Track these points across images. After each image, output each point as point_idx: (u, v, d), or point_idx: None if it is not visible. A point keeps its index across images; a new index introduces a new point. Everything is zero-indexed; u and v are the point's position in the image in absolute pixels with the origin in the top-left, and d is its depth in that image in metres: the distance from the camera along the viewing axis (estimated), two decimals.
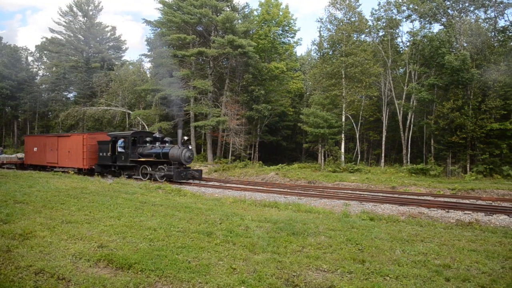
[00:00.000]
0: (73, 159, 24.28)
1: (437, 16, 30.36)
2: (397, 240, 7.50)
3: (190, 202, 12.05)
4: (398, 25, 32.49)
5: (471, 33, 26.23)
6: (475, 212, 11.66)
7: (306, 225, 8.60)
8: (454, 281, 5.31)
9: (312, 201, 13.68)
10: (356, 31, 32.46)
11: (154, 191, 15.17)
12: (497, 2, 29.62)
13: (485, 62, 25.08)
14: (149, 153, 21.00)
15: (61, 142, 25.42)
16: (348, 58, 30.04)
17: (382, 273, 5.55)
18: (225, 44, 30.93)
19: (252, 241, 7.04)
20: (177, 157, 19.72)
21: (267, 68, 35.06)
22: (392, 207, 12.55)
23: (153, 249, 6.39)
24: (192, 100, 33.22)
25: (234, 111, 32.92)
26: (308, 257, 6.24)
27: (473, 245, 7.36)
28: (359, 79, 30.65)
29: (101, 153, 22.85)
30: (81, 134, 24.65)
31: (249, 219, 9.25)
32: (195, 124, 31.96)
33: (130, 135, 21.72)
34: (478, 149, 25.15)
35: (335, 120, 30.46)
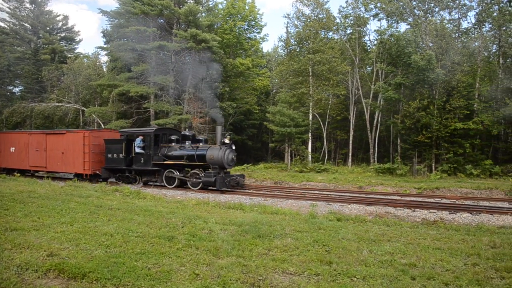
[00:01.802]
0: (69, 162, 20.70)
1: (404, 15, 31.51)
2: (364, 240, 7.72)
3: (150, 205, 11.84)
4: (365, 23, 33.46)
5: (436, 33, 27.41)
6: (440, 210, 12.21)
7: (272, 227, 8.66)
8: (420, 279, 5.52)
9: (279, 202, 13.80)
10: (324, 28, 33.08)
11: (111, 194, 14.77)
12: (460, 4, 31.19)
13: (449, 63, 26.28)
14: (179, 154, 17.94)
15: (52, 140, 21.65)
16: (316, 55, 30.54)
17: (350, 274, 5.68)
18: (187, 38, 30.60)
19: (216, 245, 7.02)
20: (219, 160, 16.74)
21: (232, 64, 35.02)
22: (360, 207, 12.89)
23: (109, 256, 6.22)
24: (152, 97, 32.62)
25: (197, 108, 32.64)
26: (274, 260, 6.29)
27: (438, 243, 7.70)
28: (326, 77, 31.25)
29: (110, 154, 19.48)
30: (82, 131, 21.14)
31: (213, 222, 9.23)
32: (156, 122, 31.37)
33: (152, 132, 18.55)
34: (442, 148, 26.33)
35: (302, 119, 30.90)
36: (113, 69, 36.47)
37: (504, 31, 28.02)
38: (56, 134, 21.96)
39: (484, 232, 8.94)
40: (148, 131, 18.92)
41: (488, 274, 5.80)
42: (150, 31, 31.24)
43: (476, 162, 25.69)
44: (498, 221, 10.71)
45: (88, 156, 19.90)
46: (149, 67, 31.34)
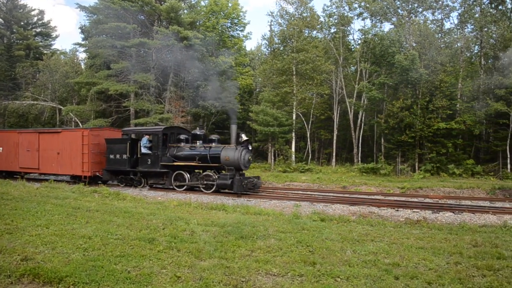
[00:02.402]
0: (66, 163, 19.47)
1: (387, 15, 31.99)
2: (348, 241, 7.79)
3: (130, 207, 11.70)
4: (349, 22, 33.82)
5: (420, 33, 27.91)
6: (423, 210, 12.43)
7: (255, 228, 8.66)
8: (403, 279, 5.60)
9: (262, 203, 13.83)
10: (308, 27, 33.28)
11: (89, 195, 14.54)
12: (443, 5, 31.84)
13: (432, 63, 26.79)
14: (190, 155, 17.01)
15: (45, 140, 20.36)
16: (299, 54, 30.69)
17: (333, 274, 5.72)
18: (169, 36, 30.34)
19: (198, 247, 6.98)
20: (235, 161, 15.82)
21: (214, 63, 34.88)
22: (343, 207, 13.02)
23: (87, 259, 6.11)
24: (133, 95, 32.25)
25: (179, 107, 32.42)
26: (258, 261, 6.29)
27: (421, 242, 7.83)
28: (310, 76, 31.44)
29: (112, 155, 18.42)
30: (81, 130, 20.11)
31: (195, 223, 9.18)
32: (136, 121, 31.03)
33: (161, 131, 17.55)
34: (426, 148, 26.81)
35: (286, 118, 31.01)
36: (92, 66, 35.91)
37: (485, 32, 28.71)
38: (50, 133, 20.80)
39: (466, 231, 9.14)
40: (156, 130, 18.02)
41: (470, 273, 5.92)
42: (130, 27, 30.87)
43: (459, 161, 26.26)
44: (480, 220, 10.97)
45: (87, 156, 18.71)
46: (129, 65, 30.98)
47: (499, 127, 26.94)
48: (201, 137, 17.65)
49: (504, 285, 5.37)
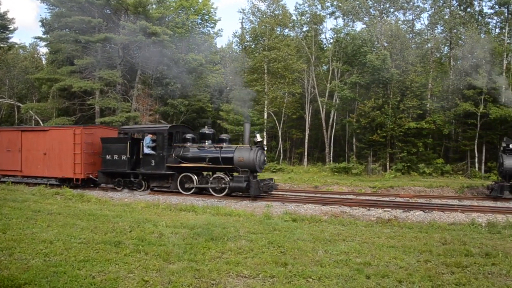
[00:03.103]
0: (54, 165, 18.12)
1: (359, 15, 32.61)
2: (320, 241, 7.90)
3: (94, 209, 11.45)
4: (322, 21, 34.29)
5: (391, 33, 28.61)
6: (394, 209, 12.74)
7: (225, 229, 8.68)
8: (374, 278, 5.73)
9: (232, 203, 13.83)
10: (280, 25, 33.51)
11: (51, 198, 14.13)
12: (414, 6, 32.79)
13: (403, 63, 27.51)
14: (199, 156, 16.06)
15: (29, 139, 18.84)
16: (271, 52, 30.85)
17: (305, 275, 5.79)
18: (137, 31, 29.81)
19: (166, 249, 6.94)
20: (250, 162, 15.03)
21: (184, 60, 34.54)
22: (315, 207, 13.17)
23: (48, 265, 5.94)
24: (98, 93, 31.51)
25: (147, 106, 31.96)
26: (228, 263, 6.30)
27: (392, 241, 8.04)
28: (282, 74, 31.65)
29: (109, 155, 17.15)
30: (72, 127, 18.58)
31: (163, 225, 9.11)
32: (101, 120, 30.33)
33: (167, 130, 16.49)
34: (397, 147, 27.51)
35: (257, 117, 31.09)
36: (54, 61, 34.85)
37: (454, 33, 29.73)
38: (35, 131, 19.33)
39: (435, 229, 9.45)
40: (161, 128, 17.06)
41: (439, 270, 6.13)
42: (95, 22, 30.14)
43: (429, 161, 27.09)
44: (449, 218, 11.35)
45: (80, 157, 17.45)
46: (94, 61, 30.26)
47: (467, 127, 27.95)
48: (210, 137, 16.77)
49: (471, 281, 5.58)
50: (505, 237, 8.58)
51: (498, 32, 32.83)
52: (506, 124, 26.21)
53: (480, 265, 6.35)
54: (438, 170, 26.04)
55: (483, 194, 17.78)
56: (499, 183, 16.04)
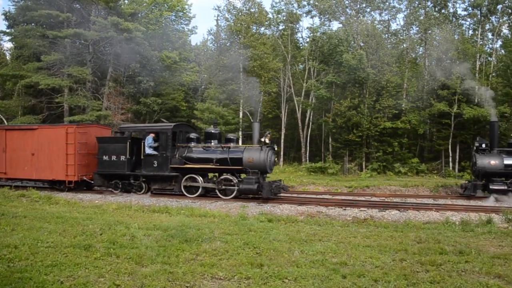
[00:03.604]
0: (44, 166, 17.24)
1: (336, 14, 33.04)
2: (296, 241, 7.96)
3: (63, 211, 11.21)
4: (298, 20, 34.53)
5: (367, 33, 29.10)
6: (370, 208, 12.96)
7: (200, 230, 8.65)
8: (350, 277, 5.80)
9: (207, 204, 13.78)
10: (256, 23, 33.55)
11: (16, 200, 13.73)
12: (390, 6, 33.48)
13: (379, 63, 28.03)
14: (205, 156, 15.52)
15: (15, 138, 17.85)
16: (247, 51, 30.86)
17: (281, 276, 5.81)
18: (108, 27, 29.30)
19: (139, 252, 6.85)
20: (260, 163, 14.59)
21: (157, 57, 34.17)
22: (291, 207, 13.25)
23: (13, 271, 5.75)
24: (67, 91, 30.81)
25: (119, 104, 31.45)
26: (203, 265, 6.28)
27: (368, 241, 8.18)
28: (258, 73, 31.69)
29: (106, 156, 16.32)
30: (64, 126, 17.82)
31: (136, 227, 9.01)
32: (70, 118, 29.65)
33: (171, 129, 15.84)
34: (372, 147, 28.01)
35: (232, 116, 31.07)
36: (19, 57, 33.88)
37: (429, 34, 30.49)
38: (22, 130, 18.25)
39: (411, 228, 9.67)
40: (164, 127, 16.22)
41: (414, 269, 6.27)
42: (63, 16, 29.45)
43: (404, 160, 27.71)
44: (424, 217, 11.62)
45: (73, 158, 16.62)
46: (62, 57, 29.59)
47: (441, 127, 28.73)
48: (216, 136, 16.23)
49: (445, 279, 5.73)
50: (478, 235, 8.86)
51: (471, 34, 33.90)
52: (479, 124, 27.09)
53: (454, 263, 6.53)
54: (413, 169, 26.66)
55: (457, 193, 18.30)
56: (472, 182, 16.53)
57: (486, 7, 30.47)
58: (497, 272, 6.05)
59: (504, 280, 5.75)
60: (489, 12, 31.08)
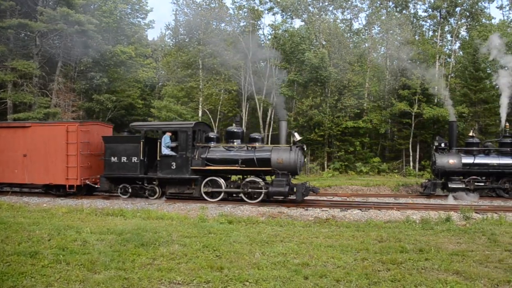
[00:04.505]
0: (38, 169, 15.88)
1: (298, 11, 33.48)
2: (257, 243, 8.00)
3: (6, 216, 10.73)
4: (260, 16, 34.70)
5: (329, 32, 29.70)
6: (332, 208, 13.20)
7: (157, 233, 8.57)
8: (312, 278, 5.89)
9: (165, 206, 13.62)
10: (216, 19, 33.44)
11: None
12: (353, 5, 34.34)
13: (341, 62, 28.67)
14: (229, 157, 14.72)
15: (2, 137, 16.41)
16: (206, 47, 30.71)
17: (242, 278, 5.82)
18: (57, 18, 28.30)
19: (91, 258, 6.69)
20: (290, 164, 14.02)
21: (111, 52, 33.37)
22: (252, 208, 13.29)
23: None
24: (10, 86, 29.49)
25: (69, 101, 30.48)
26: (160, 269, 6.21)
27: (330, 241, 8.33)
28: (217, 71, 31.62)
29: (115, 157, 15.18)
30: (63, 124, 16.44)
31: (88, 231, 8.78)
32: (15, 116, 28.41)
33: (191, 127, 14.96)
34: (334, 146, 28.62)
35: (191, 115, 30.85)
36: None
37: (391, 34, 31.51)
38: (11, 127, 16.76)
39: (372, 227, 9.94)
40: (184, 125, 15.38)
41: (376, 268, 6.44)
42: (6, 5, 28.15)
43: (366, 159, 28.51)
44: (385, 216, 11.97)
45: (75, 159, 15.39)
46: (5, 49, 28.32)
47: (402, 126, 29.77)
48: (239, 136, 15.47)
49: (406, 277, 5.93)
50: (437, 233, 9.23)
51: (431, 35, 35.35)
52: (438, 124, 28.29)
53: (414, 261, 6.77)
54: (374, 168, 27.47)
55: (417, 192, 19.02)
56: (432, 181, 17.24)
57: (445, 9, 31.90)
58: (455, 269, 6.32)
59: (462, 276, 6.02)
60: (448, 14, 32.56)
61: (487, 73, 29.85)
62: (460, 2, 31.70)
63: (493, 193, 17.03)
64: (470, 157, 16.81)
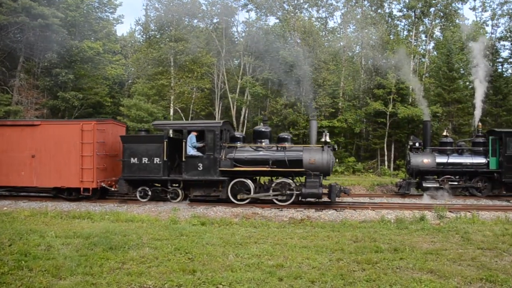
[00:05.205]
0: (49, 171, 15.00)
1: (273, 9, 33.64)
2: (230, 244, 8.02)
3: None
4: (233, 13, 34.66)
5: (304, 30, 29.95)
6: (307, 209, 13.36)
7: (127, 236, 8.49)
8: (287, 279, 5.94)
9: (135, 208, 13.45)
10: (188, 15, 33.23)
11: None
12: (328, 3, 34.75)
13: (316, 60, 28.95)
14: (259, 158, 14.42)
15: (6, 136, 15.39)
16: (178, 44, 30.49)
17: (215, 281, 5.83)
18: (18, 11, 27.53)
19: (56, 263, 6.57)
20: (323, 164, 13.98)
21: (78, 48, 32.70)
22: (225, 209, 13.29)
23: None
24: None
25: (32, 99, 29.70)
26: (130, 274, 6.16)
27: (305, 241, 8.43)
28: (190, 68, 31.43)
29: (135, 158, 14.56)
30: (78, 122, 15.62)
31: (53, 235, 8.61)
32: None
33: (219, 126, 14.52)
34: None
35: (162, 113, 30.57)
36: None
37: (366, 33, 32.03)
38: (17, 126, 15.73)
39: (347, 228, 10.09)
40: (212, 124, 14.87)
41: (351, 268, 6.56)
42: None
43: (341, 159, 28.85)
44: (360, 216, 12.19)
45: (90, 160, 14.68)
46: None
47: (377, 126, 30.29)
48: (267, 135, 15.19)
49: (381, 277, 6.06)
50: (411, 232, 9.46)
51: (406, 35, 36.13)
52: (413, 123, 28.93)
53: (389, 260, 6.92)
54: (350, 168, 27.85)
55: (392, 191, 19.38)
56: (406, 180, 17.61)
57: (420, 9, 32.69)
58: (429, 267, 6.51)
59: (436, 275, 6.19)
60: (422, 14, 33.37)
61: (460, 73, 30.73)
62: (434, 2, 32.55)
63: (466, 192, 17.53)
64: (444, 157, 17.26)
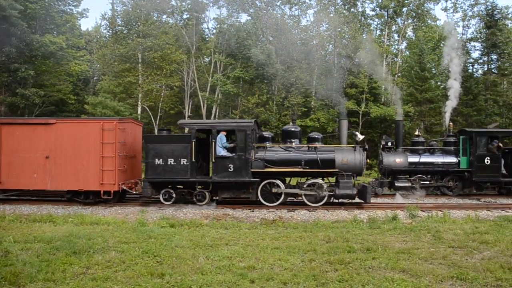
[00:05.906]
0: (65, 173, 14.27)
1: (245, 5, 33.66)
2: (201, 247, 8.00)
3: None
4: (204, 9, 34.55)
5: (277, 28, 30.11)
6: (279, 209, 13.41)
7: (92, 240, 8.36)
8: (259, 281, 5.96)
9: (101, 210, 13.21)
10: (157, 10, 32.92)
11: None
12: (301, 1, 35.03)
13: (288, 59, 29.14)
14: (290, 158, 14.24)
15: (17, 135, 14.54)
16: (146, 40, 30.19)
17: (185, 285, 5.81)
18: None
19: (14, 270, 6.37)
20: (356, 165, 14.00)
21: (39, 42, 31.87)
22: (195, 210, 13.22)
23: None
24: None
25: None
26: (95, 279, 6.07)
27: (277, 242, 8.47)
28: (158, 65, 31.14)
29: (161, 160, 14.03)
30: (98, 121, 14.84)
31: (11, 240, 8.39)
32: None
33: (251, 126, 14.12)
34: None
35: (129, 112, 30.18)
36: None
37: (339, 32, 32.46)
38: (29, 124, 14.92)
39: (320, 228, 10.19)
40: (242, 124, 14.42)
41: (324, 268, 6.62)
42: None
43: None
44: (333, 216, 12.34)
45: (112, 162, 14.09)
46: None
47: (350, 125, 30.70)
48: (297, 135, 15.11)
49: (354, 277, 6.15)
50: (384, 232, 9.64)
51: (379, 34, 36.83)
52: (385, 123, 29.52)
53: (362, 260, 7.03)
54: None
55: None
56: (379, 180, 17.94)
57: (392, 8, 33.40)
58: (401, 267, 6.65)
59: (408, 274, 6.33)
60: (395, 14, 34.10)
61: (432, 73, 31.52)
62: (407, 2, 33.33)
63: (438, 191, 18.01)
64: (416, 156, 17.67)
